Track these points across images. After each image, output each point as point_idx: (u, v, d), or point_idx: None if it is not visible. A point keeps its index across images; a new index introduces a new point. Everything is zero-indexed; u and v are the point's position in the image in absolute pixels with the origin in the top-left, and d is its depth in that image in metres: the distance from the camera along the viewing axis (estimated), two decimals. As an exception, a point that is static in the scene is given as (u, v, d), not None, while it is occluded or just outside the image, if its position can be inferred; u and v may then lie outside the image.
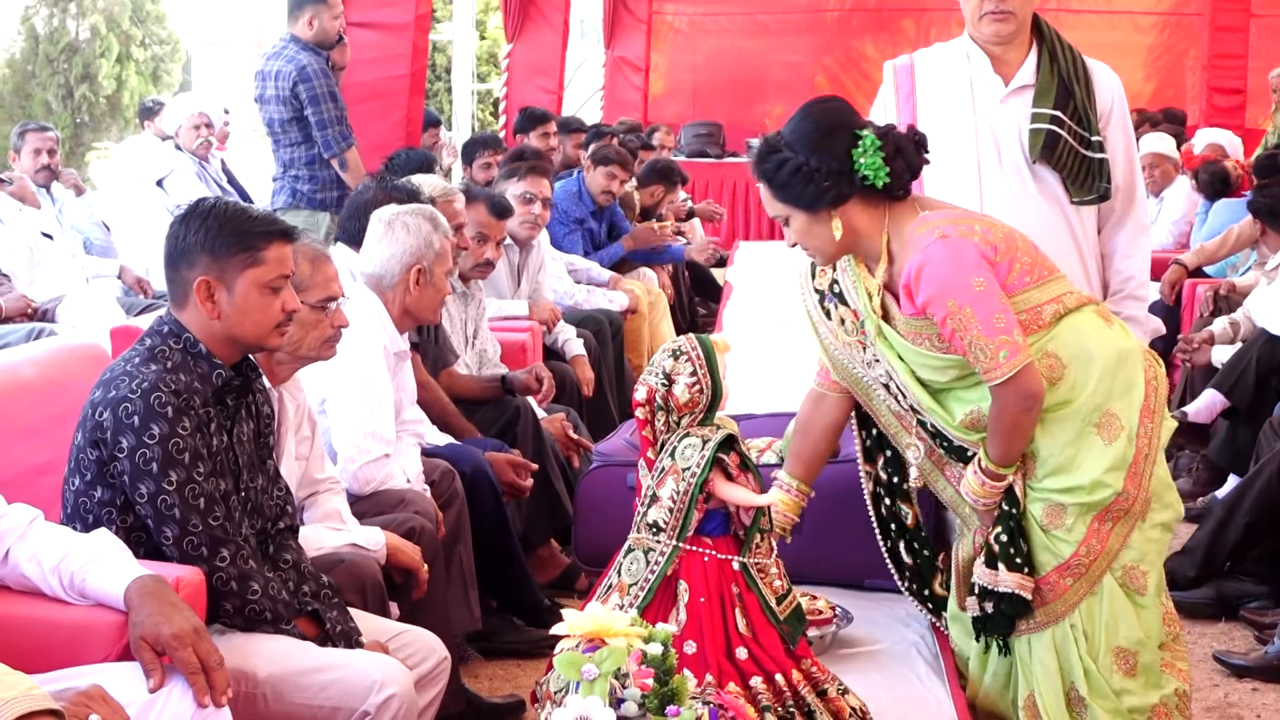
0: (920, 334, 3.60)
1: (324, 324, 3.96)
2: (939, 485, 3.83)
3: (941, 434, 3.69)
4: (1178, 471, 7.51)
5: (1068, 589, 3.60)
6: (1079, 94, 4.10)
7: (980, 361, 3.44)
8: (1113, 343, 3.63)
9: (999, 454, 3.56)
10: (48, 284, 7.34)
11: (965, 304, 3.43)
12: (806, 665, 3.38)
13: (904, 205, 3.63)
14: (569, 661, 2.65)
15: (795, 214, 3.62)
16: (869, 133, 3.54)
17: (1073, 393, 3.56)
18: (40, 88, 19.60)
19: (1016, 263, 3.56)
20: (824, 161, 3.53)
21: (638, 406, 3.44)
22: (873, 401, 3.85)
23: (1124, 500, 3.56)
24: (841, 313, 3.80)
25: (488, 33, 21.65)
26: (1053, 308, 3.59)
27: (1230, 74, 14.05)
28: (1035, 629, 3.66)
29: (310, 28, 7.62)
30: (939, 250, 3.48)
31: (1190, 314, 8.01)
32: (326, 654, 3.39)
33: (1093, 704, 3.61)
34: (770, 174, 3.61)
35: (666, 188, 10.18)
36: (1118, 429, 3.56)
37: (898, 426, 3.84)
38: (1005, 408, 3.49)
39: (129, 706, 2.69)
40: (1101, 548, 3.58)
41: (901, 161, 3.55)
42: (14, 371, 4.02)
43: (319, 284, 3.94)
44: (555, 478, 5.56)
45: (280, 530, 3.63)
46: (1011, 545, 3.58)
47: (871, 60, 15.73)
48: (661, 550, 3.34)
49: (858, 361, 3.80)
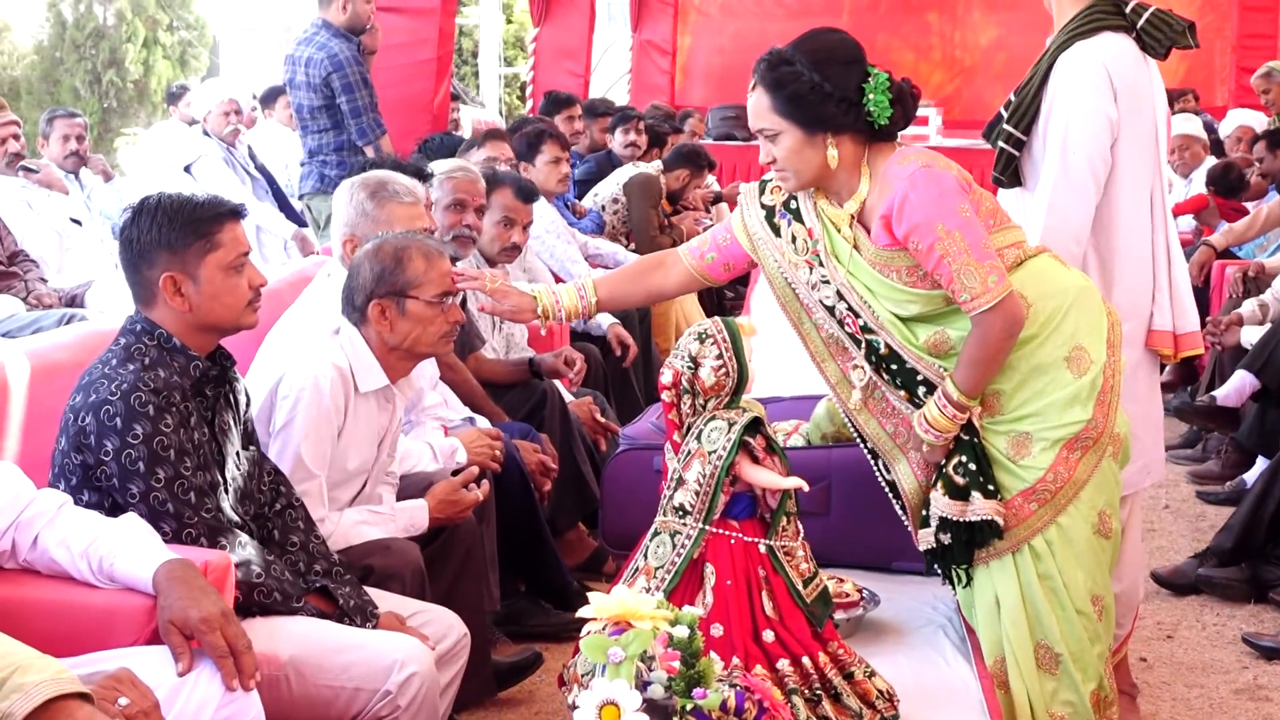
0: (889, 265, 3.59)
1: (440, 320, 4.00)
2: (862, 419, 3.81)
3: (896, 354, 3.66)
4: (1206, 453, 7.50)
5: (1031, 514, 3.61)
6: (1031, 87, 4.12)
7: (969, 288, 3.43)
8: (1074, 281, 3.69)
9: (971, 383, 3.54)
10: (77, 270, 7.37)
11: (955, 229, 3.44)
12: (833, 648, 3.38)
13: (882, 144, 3.64)
14: (596, 644, 2.65)
15: (790, 131, 3.59)
16: (880, 71, 3.56)
17: (1042, 329, 3.59)
18: (68, 74, 19.65)
19: (982, 205, 3.59)
20: (837, 87, 3.52)
21: (664, 390, 3.44)
22: (803, 324, 3.82)
23: (1092, 428, 3.58)
24: (794, 229, 3.77)
25: (514, 16, 21.63)
26: (1013, 252, 3.63)
27: (1260, 54, 13.92)
28: (995, 555, 3.67)
29: (344, 12, 7.63)
30: (924, 177, 3.49)
31: (1219, 295, 7.98)
32: (348, 634, 3.41)
33: (1069, 657, 3.63)
34: (780, 83, 3.57)
35: (693, 172, 10.16)
36: (1088, 362, 3.60)
37: (827, 354, 3.81)
38: (989, 334, 3.48)
39: (157, 690, 2.71)
40: (1069, 475, 3.59)
41: (900, 108, 3.57)
42: (46, 356, 4.04)
43: (433, 280, 3.98)
44: (582, 461, 5.57)
45: (279, 511, 3.65)
46: (980, 473, 3.60)
47: (896, 42, 15.69)
48: (688, 533, 3.34)
49: (800, 282, 3.77)
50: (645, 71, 16.32)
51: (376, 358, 3.99)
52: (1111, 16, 4.08)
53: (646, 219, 9.20)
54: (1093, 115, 4.01)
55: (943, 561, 3.74)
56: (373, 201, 4.54)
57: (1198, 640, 5.25)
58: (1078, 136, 4.01)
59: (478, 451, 4.66)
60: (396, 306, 3.96)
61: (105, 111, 19.70)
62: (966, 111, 14.36)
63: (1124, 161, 4.07)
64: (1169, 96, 4.46)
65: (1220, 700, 4.74)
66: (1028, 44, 10.81)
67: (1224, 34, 14.74)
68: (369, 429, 4.03)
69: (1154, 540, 6.37)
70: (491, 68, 17.68)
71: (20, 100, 18.60)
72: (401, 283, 3.96)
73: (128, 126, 19.39)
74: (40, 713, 2.45)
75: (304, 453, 3.87)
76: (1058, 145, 4.03)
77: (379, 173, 4.72)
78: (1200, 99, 13.34)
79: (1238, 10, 14.33)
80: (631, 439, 4.77)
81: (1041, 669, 3.65)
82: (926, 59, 15.71)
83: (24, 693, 2.45)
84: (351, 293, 4.03)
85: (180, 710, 2.80)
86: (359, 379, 3.97)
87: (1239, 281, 7.67)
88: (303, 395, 3.87)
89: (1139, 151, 4.12)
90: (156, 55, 20.13)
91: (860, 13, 15.88)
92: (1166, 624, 5.39)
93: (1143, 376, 4.19)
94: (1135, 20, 4.09)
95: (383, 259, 3.98)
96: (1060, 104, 4.04)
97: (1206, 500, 6.92)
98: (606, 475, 4.80)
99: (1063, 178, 4.02)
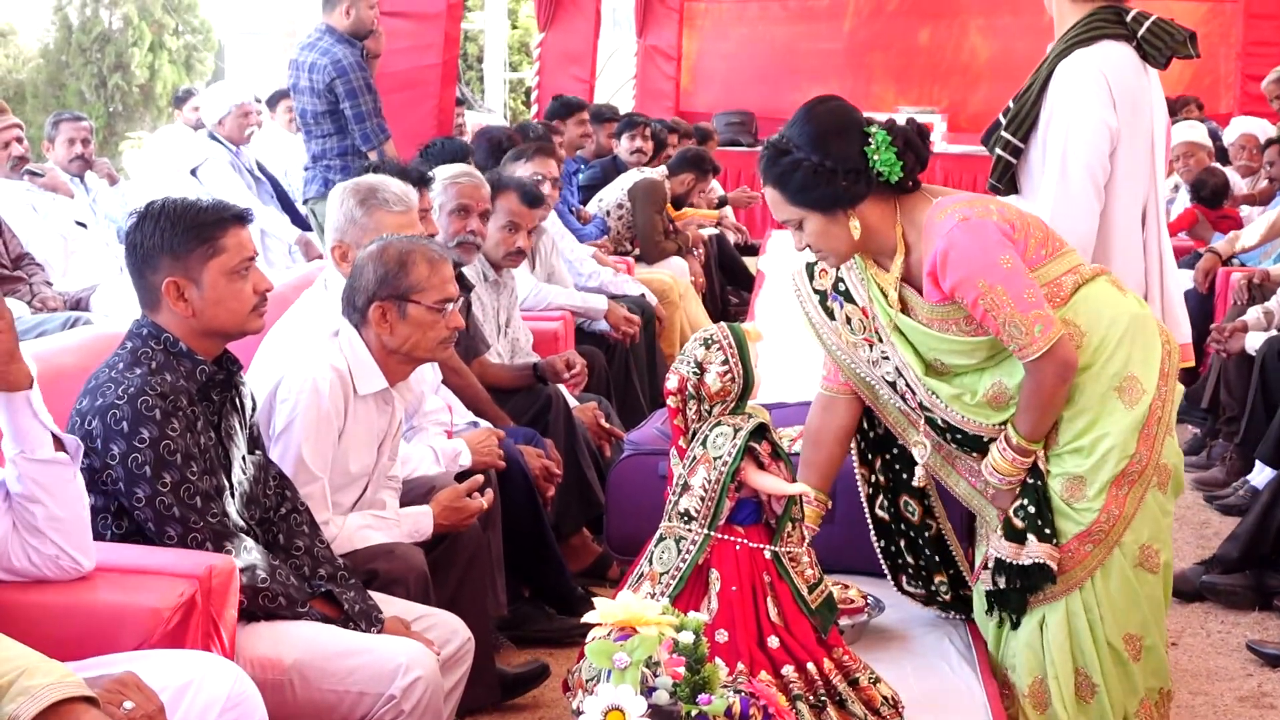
0: (947, 320, 3.59)
1: (440, 325, 4.00)
2: (951, 480, 3.83)
3: (954, 428, 3.67)
4: (1211, 460, 7.49)
5: (1087, 555, 3.60)
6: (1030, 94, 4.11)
7: (1016, 339, 3.43)
8: (1129, 309, 3.65)
9: (1030, 428, 3.55)
10: (81, 273, 7.37)
11: (996, 282, 3.42)
12: (838, 654, 3.38)
13: (914, 195, 3.62)
14: (601, 650, 2.65)
15: (811, 217, 3.58)
16: (878, 128, 3.53)
17: (1095, 357, 3.57)
18: (74, 77, 19.69)
19: (1031, 238, 3.57)
20: (839, 161, 3.50)
21: (669, 395, 3.44)
22: (878, 401, 3.86)
23: (1137, 463, 3.57)
24: (848, 311, 3.78)
25: (519, 21, 21.66)
26: (1071, 278, 3.61)
27: (1265, 61, 13.90)
28: (1050, 599, 3.66)
29: (347, 17, 7.64)
30: (962, 233, 3.46)
31: (1224, 302, 7.96)
32: (352, 639, 3.41)
33: (1104, 689, 3.61)
34: (783, 178, 3.55)
35: (697, 176, 10.16)
36: (1140, 392, 3.58)
37: (905, 424, 3.84)
38: (1043, 381, 3.49)
39: (162, 693, 2.71)
40: (1120, 513, 3.58)
41: (912, 155, 3.54)
42: (51, 360, 4.03)
43: (435, 285, 3.98)
44: (586, 466, 5.57)
45: (284, 516, 3.65)
46: (1039, 516, 3.59)
47: (902, 47, 15.69)
48: (693, 539, 3.34)
49: (862, 361, 3.80)
50: (650, 77, 16.31)
51: (375, 360, 3.99)
52: (1112, 25, 4.08)
53: (651, 224, 9.19)
54: (1092, 123, 4.01)
55: (1000, 605, 3.73)
56: (362, 209, 4.55)
57: (1202, 647, 5.24)
58: (1077, 144, 4.00)
59: (484, 451, 4.65)
60: (398, 310, 3.96)
61: (111, 115, 19.73)
62: (971, 118, 14.34)
63: (1121, 170, 4.07)
64: (1172, 105, 4.45)
65: (1225, 707, 4.73)
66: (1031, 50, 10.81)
67: (1229, 41, 14.72)
68: (368, 431, 4.03)
69: (1158, 547, 6.36)
70: (496, 73, 17.70)
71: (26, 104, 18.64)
72: (404, 286, 3.96)
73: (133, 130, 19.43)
74: (46, 716, 2.45)
75: (305, 455, 3.86)
76: (1057, 153, 4.03)
77: (371, 178, 4.71)
78: (1204, 106, 13.32)
79: (1242, 18, 14.31)
80: (636, 444, 4.77)
81: (1080, 697, 3.64)
82: (930, 65, 15.70)
83: (30, 696, 2.45)
84: (353, 293, 4.03)
85: (185, 713, 2.81)
86: (358, 381, 3.97)
87: (1244, 288, 7.65)
88: (302, 398, 3.87)
89: (1136, 160, 4.11)
90: (162, 59, 20.17)
91: (866, 18, 15.89)
92: (1171, 631, 5.37)
93: None
94: (1136, 29, 4.08)
95: (387, 262, 3.98)
96: (1060, 112, 4.03)
97: (1215, 506, 6.91)
98: (611, 480, 4.80)
99: (1061, 186, 4.01)
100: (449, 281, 4.01)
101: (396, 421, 4.14)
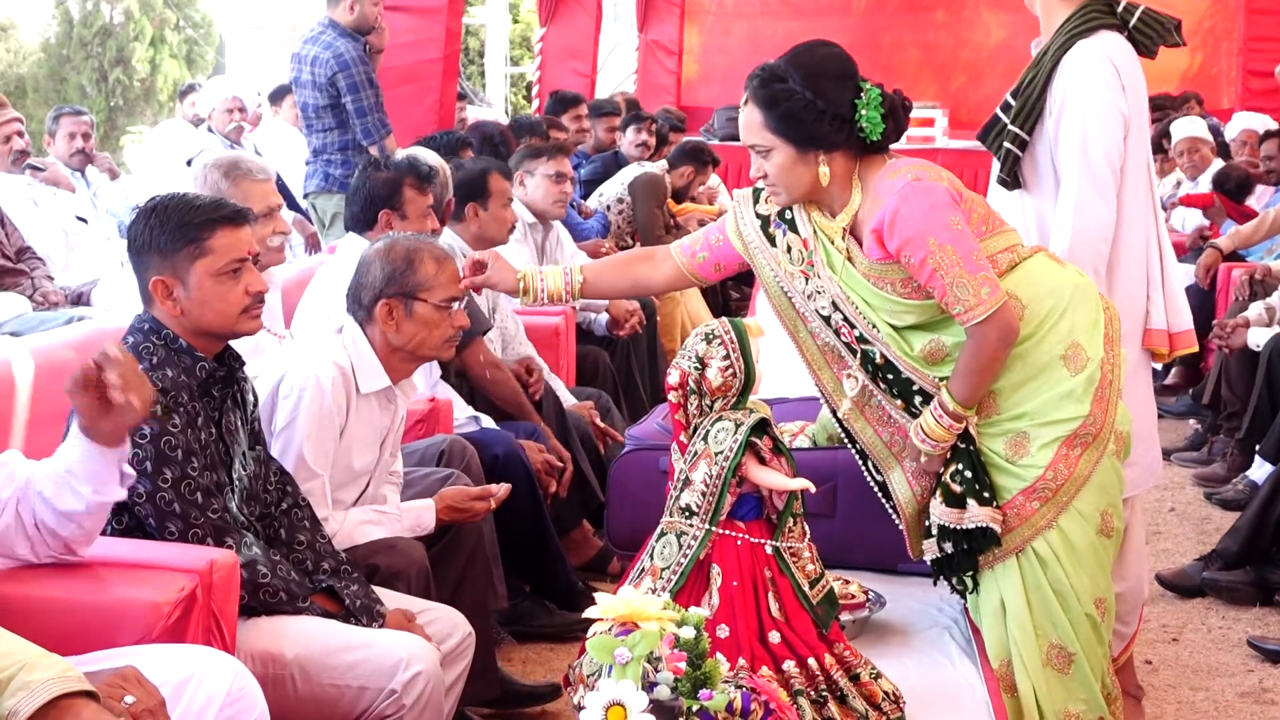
0: (883, 278, 3.57)
1: (445, 324, 4.01)
2: (858, 426, 3.79)
3: (891, 364, 3.64)
4: (1212, 456, 7.49)
5: (1034, 512, 3.59)
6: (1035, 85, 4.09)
7: (963, 300, 3.42)
8: (1069, 279, 3.67)
9: (967, 393, 3.53)
10: (83, 268, 7.37)
11: (946, 241, 3.42)
12: (839, 649, 3.38)
13: (876, 157, 3.62)
14: (602, 645, 2.65)
15: (782, 148, 3.57)
16: (871, 85, 3.54)
17: (1039, 329, 3.58)
18: (75, 72, 19.69)
19: (974, 213, 3.59)
20: (830, 104, 3.50)
21: (671, 390, 3.44)
22: (799, 332, 3.81)
23: (1091, 424, 3.56)
24: (789, 239, 3.75)
25: (521, 16, 21.66)
26: (1007, 256, 3.62)
27: (1267, 57, 13.89)
28: (999, 558, 3.65)
29: (350, 12, 7.64)
30: (914, 191, 3.46)
31: (1225, 298, 7.96)
32: (353, 633, 3.41)
33: (1082, 655, 3.62)
34: (771, 102, 3.56)
35: (697, 169, 10.16)
36: (1084, 359, 3.58)
37: (822, 362, 3.80)
38: (984, 345, 3.47)
39: (163, 688, 2.71)
40: (1070, 473, 3.57)
41: (892, 121, 3.55)
42: (52, 355, 4.04)
43: (442, 284, 3.99)
44: (583, 462, 5.55)
45: (285, 511, 3.65)
46: (976, 480, 3.58)
47: (903, 42, 15.67)
48: (694, 534, 3.34)
49: (796, 291, 3.76)
50: (651, 71, 16.29)
51: (379, 358, 3.99)
52: (1105, 16, 4.08)
53: (652, 218, 9.19)
54: (1108, 110, 4.00)
55: (948, 570, 3.72)
56: (227, 180, 4.59)
57: (1203, 643, 5.24)
58: (1096, 132, 3.99)
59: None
60: (404, 307, 3.96)
61: (111, 110, 19.74)
62: (973, 113, 14.28)
63: (1131, 156, 4.07)
64: (1173, 101, 4.45)
65: (1226, 703, 4.73)
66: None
67: (1231, 36, 14.69)
68: (371, 429, 4.03)
69: (1159, 543, 6.36)
70: (498, 68, 17.69)
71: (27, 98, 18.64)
72: (411, 284, 3.96)
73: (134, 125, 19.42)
74: (46, 711, 2.44)
75: (306, 452, 3.86)
76: (1076, 144, 4.01)
77: (229, 153, 4.82)
78: (1206, 102, 13.31)
79: (1244, 13, 14.28)
80: (638, 439, 4.77)
81: (1052, 668, 3.63)
82: (933, 59, 15.68)
83: (30, 690, 2.44)
84: (359, 290, 4.03)
85: (185, 708, 2.81)
86: (360, 379, 3.97)
87: (1245, 284, 7.64)
88: (304, 394, 3.87)
89: (1142, 146, 4.13)
90: (163, 54, 20.17)
91: (868, 12, 15.87)
92: (1172, 627, 5.38)
93: (1141, 377, 4.18)
94: (1127, 19, 4.09)
95: (394, 259, 3.98)
96: (1073, 102, 4.02)
97: (1215, 502, 6.91)
98: (612, 475, 4.79)
99: (1086, 176, 3.99)
100: (455, 280, 4.01)
101: (399, 419, 4.14)
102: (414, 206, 5.04)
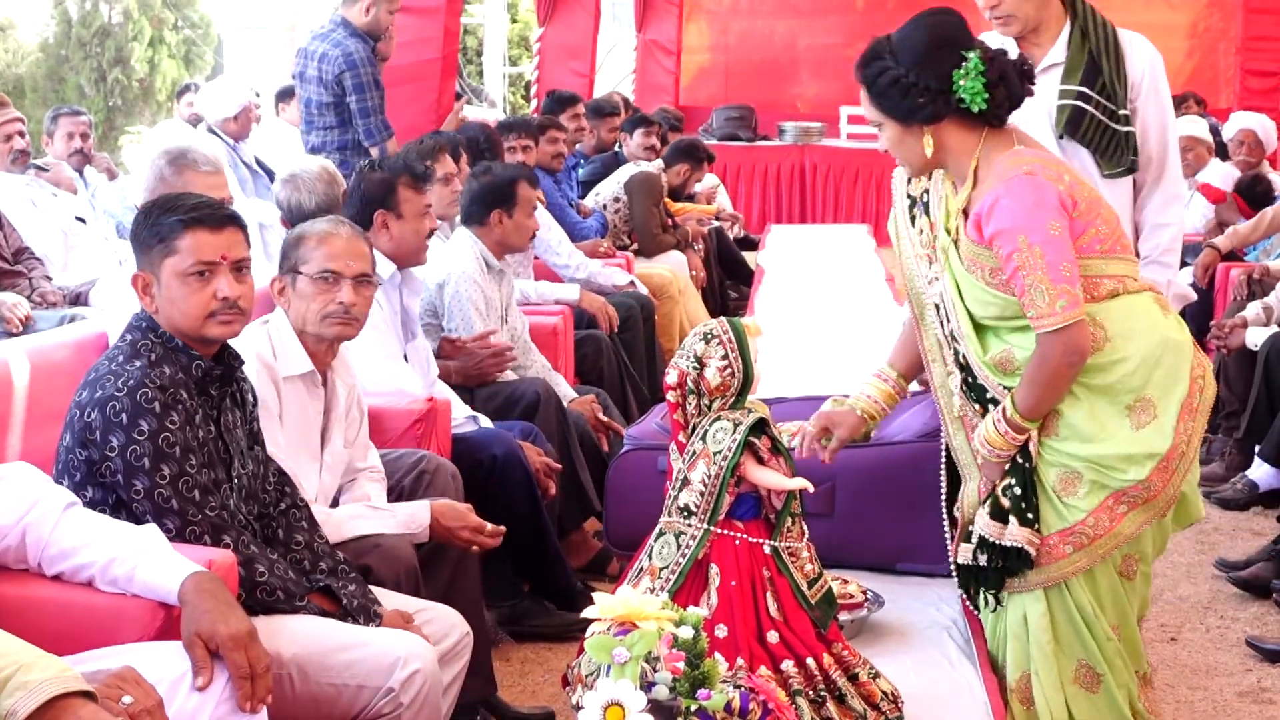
0: (976, 262, 3.53)
1: (320, 297, 4.00)
2: (952, 428, 3.77)
3: (968, 368, 3.62)
4: (1210, 456, 7.49)
5: (1065, 556, 3.55)
6: (1108, 68, 4.05)
7: (1036, 305, 3.36)
8: (1163, 331, 3.55)
9: (1029, 405, 3.47)
10: (81, 268, 7.37)
11: (1036, 243, 3.36)
12: (838, 649, 3.38)
13: (1002, 134, 3.56)
14: (600, 645, 2.65)
15: (888, 123, 3.57)
16: (976, 54, 3.46)
17: (1112, 369, 3.48)
18: (73, 72, 19.66)
19: (1093, 227, 3.50)
20: (923, 76, 3.47)
21: (669, 390, 3.44)
22: (923, 320, 3.79)
23: (1144, 490, 3.49)
24: (922, 223, 3.76)
25: (519, 16, 21.63)
26: (1111, 283, 3.52)
27: (1265, 56, 13.91)
28: (1025, 588, 3.62)
29: (365, 15, 7.63)
30: (1022, 185, 3.41)
31: (1223, 298, 7.96)
32: (351, 632, 3.40)
33: (1109, 676, 3.60)
34: (869, 80, 3.56)
35: (692, 166, 10.17)
36: (1149, 417, 3.48)
37: (937, 354, 3.77)
38: (1049, 358, 3.41)
39: (160, 686, 2.70)
40: (1110, 527, 3.52)
41: (1003, 89, 3.48)
42: (49, 355, 4.04)
43: (318, 257, 4.03)
44: (580, 468, 5.53)
45: (283, 511, 3.64)
46: (1024, 500, 3.54)
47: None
48: (693, 534, 3.34)
49: (921, 276, 3.76)
50: (650, 71, 16.31)
51: (300, 341, 4.01)
52: None
53: (648, 217, 9.19)
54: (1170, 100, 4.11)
55: (975, 581, 3.69)
56: (172, 169, 4.59)
57: (1202, 643, 5.24)
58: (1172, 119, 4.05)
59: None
60: (291, 284, 4.02)
61: (110, 110, 19.70)
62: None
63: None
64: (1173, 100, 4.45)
65: (1224, 703, 4.73)
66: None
67: (1229, 36, 14.71)
68: (302, 414, 4.01)
69: (1158, 542, 6.36)
70: (496, 67, 17.68)
71: (25, 98, 18.61)
72: (294, 259, 4.02)
73: (132, 125, 19.39)
74: (44, 711, 2.44)
75: None
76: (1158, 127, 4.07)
77: (179, 142, 4.77)
78: (1204, 102, 13.31)
79: (1242, 12, 14.28)
80: (636, 439, 4.77)
81: (1079, 685, 3.61)
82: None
83: (27, 690, 2.44)
84: None
85: (182, 708, 2.80)
86: (281, 364, 3.96)
87: (1244, 284, 7.65)
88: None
89: None
90: (162, 54, 20.14)
91: (868, 12, 15.88)
92: (1170, 626, 5.38)
93: None
94: None
95: (287, 239, 4.04)
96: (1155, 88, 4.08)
97: (1214, 501, 6.90)
98: (611, 475, 4.80)
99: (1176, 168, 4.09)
100: (337, 255, 4.01)
101: (339, 405, 4.11)
102: (410, 206, 5.02)
